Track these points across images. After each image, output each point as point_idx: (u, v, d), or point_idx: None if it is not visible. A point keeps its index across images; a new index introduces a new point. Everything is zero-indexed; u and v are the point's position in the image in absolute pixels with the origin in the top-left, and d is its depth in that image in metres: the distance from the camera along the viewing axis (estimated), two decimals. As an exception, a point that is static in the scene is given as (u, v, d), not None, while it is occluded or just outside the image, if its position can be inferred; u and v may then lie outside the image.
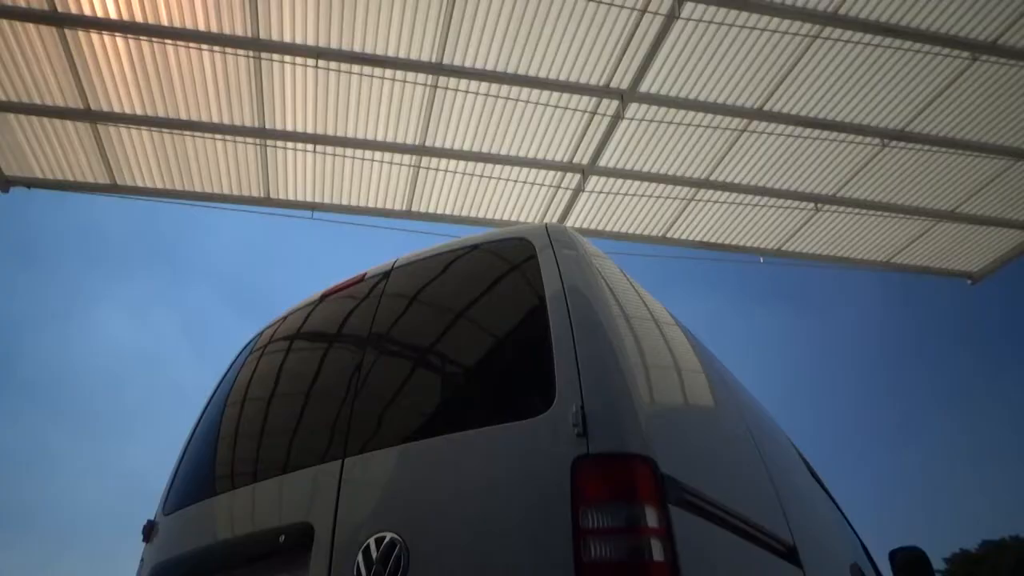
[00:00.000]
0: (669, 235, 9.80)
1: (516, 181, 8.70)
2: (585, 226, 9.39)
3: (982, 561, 46.87)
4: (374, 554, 1.81)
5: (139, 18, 6.48)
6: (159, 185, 8.33)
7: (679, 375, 2.49)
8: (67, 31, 6.51)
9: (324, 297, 2.83)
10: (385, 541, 1.82)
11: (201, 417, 2.96)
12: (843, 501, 4.30)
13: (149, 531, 2.68)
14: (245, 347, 3.10)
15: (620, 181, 8.81)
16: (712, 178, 8.85)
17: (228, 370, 3.06)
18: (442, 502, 1.85)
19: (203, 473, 2.70)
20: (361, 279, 2.71)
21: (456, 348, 2.26)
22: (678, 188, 9.01)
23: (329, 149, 8.02)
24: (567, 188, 8.86)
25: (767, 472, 2.74)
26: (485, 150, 8.22)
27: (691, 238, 9.92)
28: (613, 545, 1.60)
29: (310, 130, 7.78)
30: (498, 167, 8.48)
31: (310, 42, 6.80)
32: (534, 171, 8.58)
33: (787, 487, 2.91)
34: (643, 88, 7.47)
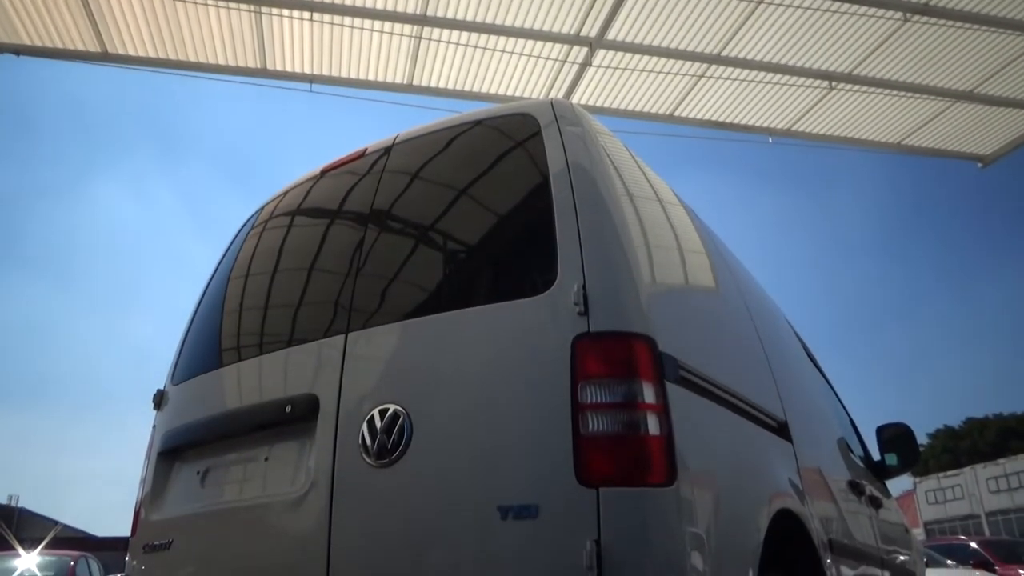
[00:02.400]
0: (677, 114, 9.57)
1: (521, 54, 8.39)
2: (591, 103, 9.14)
3: (964, 437, 48.87)
4: (378, 424, 1.87)
5: None
6: (151, 54, 8.05)
7: (681, 255, 2.48)
8: None
9: (324, 172, 2.79)
10: (388, 412, 1.87)
11: (206, 290, 2.98)
12: (838, 379, 4.43)
13: (159, 400, 2.77)
14: (247, 222, 3.08)
15: (628, 56, 8.50)
16: (724, 53, 8.53)
17: (231, 245, 3.05)
18: (444, 376, 1.89)
19: (210, 345, 2.75)
20: (362, 154, 2.65)
21: (458, 225, 2.25)
22: (688, 64, 8.71)
23: (327, 17, 7.68)
24: (573, 62, 8.55)
25: (763, 351, 2.80)
26: (489, 21, 7.87)
27: (700, 117, 9.68)
28: (611, 419, 1.65)
29: (306, -4, 7.43)
30: (502, 39, 8.16)
31: (303, -102, 6.40)
32: (540, 44, 8.26)
33: (782, 366, 2.98)
34: (656, -46, 7.08)
